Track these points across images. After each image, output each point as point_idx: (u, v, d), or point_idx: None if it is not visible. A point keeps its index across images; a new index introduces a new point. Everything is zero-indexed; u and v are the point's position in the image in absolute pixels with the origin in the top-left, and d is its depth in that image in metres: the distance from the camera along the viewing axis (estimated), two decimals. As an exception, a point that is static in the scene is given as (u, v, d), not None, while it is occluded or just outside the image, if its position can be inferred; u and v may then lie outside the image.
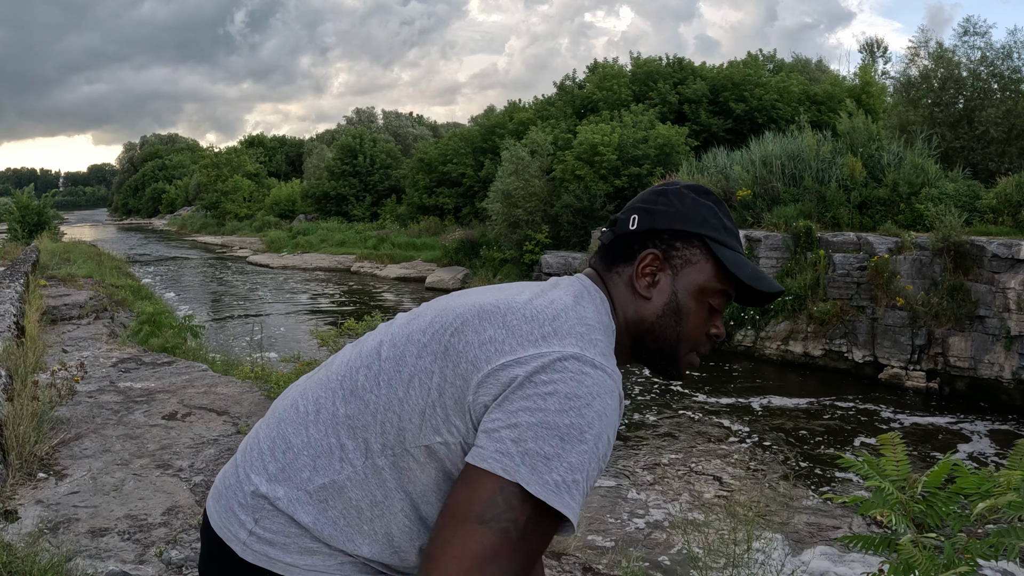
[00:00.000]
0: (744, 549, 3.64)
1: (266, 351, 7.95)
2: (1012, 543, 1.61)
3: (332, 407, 1.08)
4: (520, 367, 0.97)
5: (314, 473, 1.04)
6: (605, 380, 0.98)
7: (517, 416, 0.94)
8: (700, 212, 1.15)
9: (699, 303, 1.15)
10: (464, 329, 1.04)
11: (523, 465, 0.91)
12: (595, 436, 0.94)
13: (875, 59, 31.35)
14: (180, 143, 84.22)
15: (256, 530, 1.05)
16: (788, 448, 8.72)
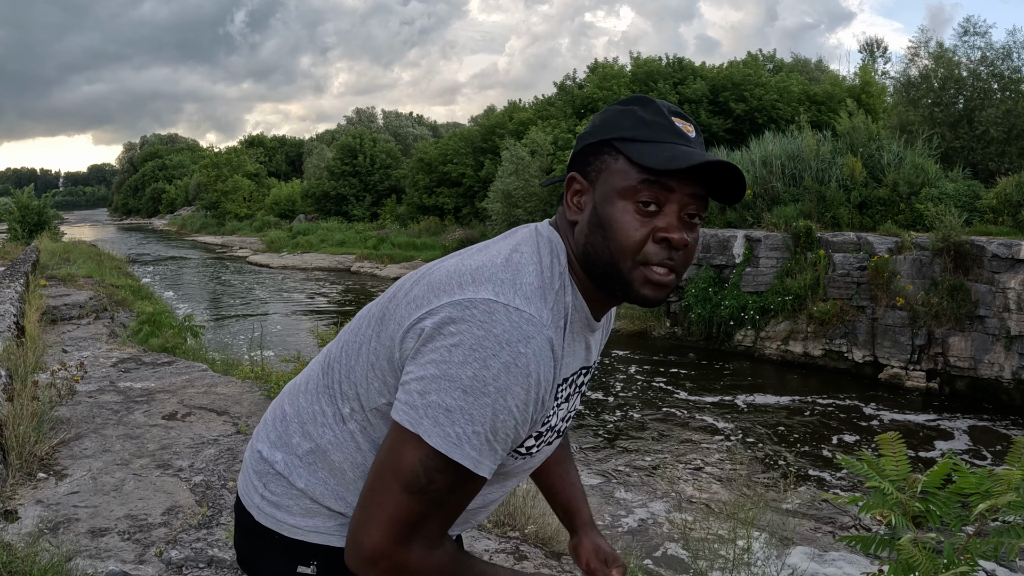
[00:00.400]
0: (744, 549, 3.64)
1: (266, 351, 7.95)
2: (1012, 543, 1.61)
3: (317, 377, 1.17)
4: (431, 318, 0.97)
5: (303, 439, 1.13)
6: (521, 326, 0.94)
7: (425, 368, 0.95)
8: (613, 119, 1.06)
9: (623, 208, 1.02)
10: (398, 293, 1.09)
11: (426, 417, 0.94)
12: (500, 389, 0.93)
13: (875, 59, 31.36)
14: (180, 143, 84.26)
15: (265, 494, 1.14)
16: (788, 448, 8.72)
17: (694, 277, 14.35)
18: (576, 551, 1.48)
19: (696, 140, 1.05)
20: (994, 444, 8.98)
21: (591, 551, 1.45)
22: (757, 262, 13.56)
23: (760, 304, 13.17)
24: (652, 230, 1.01)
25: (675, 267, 1.03)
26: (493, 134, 24.17)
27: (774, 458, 8.40)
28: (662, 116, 1.04)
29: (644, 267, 1.02)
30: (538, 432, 1.08)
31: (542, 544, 3.49)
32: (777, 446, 8.84)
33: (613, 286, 1.05)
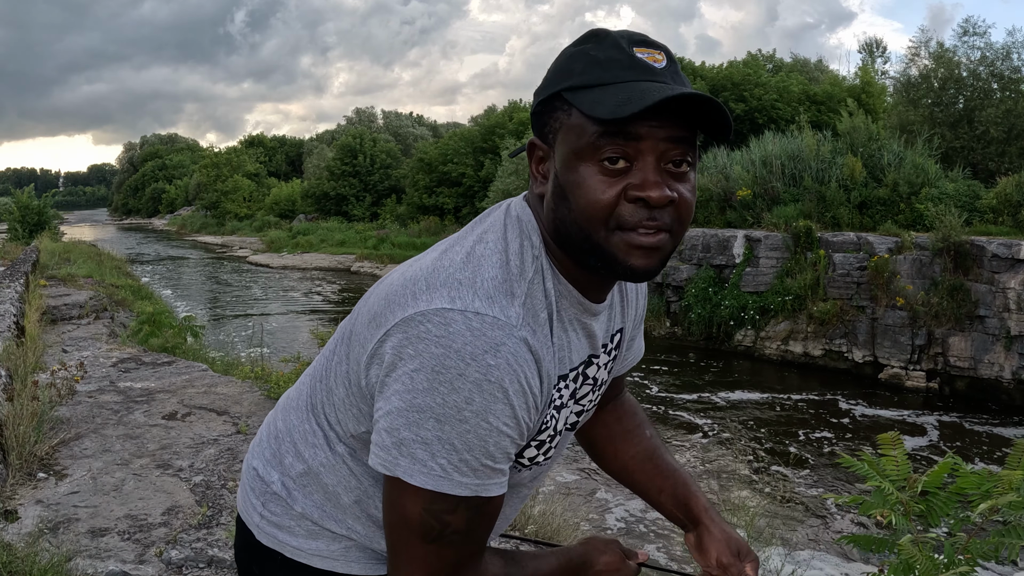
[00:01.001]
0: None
1: (266, 351, 7.95)
2: (1012, 543, 1.61)
3: (307, 393, 1.09)
4: (388, 341, 0.85)
5: (296, 459, 1.06)
6: (484, 333, 0.82)
7: (390, 402, 0.84)
8: (563, 65, 0.89)
9: (586, 171, 0.85)
10: (362, 307, 0.98)
11: (401, 457, 0.84)
12: (478, 412, 0.81)
13: (874, 59, 31.37)
14: (180, 143, 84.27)
15: (265, 513, 1.07)
16: (787, 448, 8.72)
17: (694, 277, 14.36)
18: (700, 546, 1.24)
19: (667, 71, 0.86)
20: (994, 444, 8.98)
21: (721, 543, 1.23)
22: (757, 262, 13.56)
23: (760, 304, 13.17)
24: (623, 189, 0.85)
25: (664, 226, 0.87)
26: (493, 134, 24.18)
27: (773, 458, 8.41)
28: (618, 50, 0.86)
29: (622, 232, 0.86)
30: (539, 441, 0.96)
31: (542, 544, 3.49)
32: (778, 446, 8.84)
33: (594, 262, 0.89)
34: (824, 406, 10.44)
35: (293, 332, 15.05)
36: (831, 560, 5.83)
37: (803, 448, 8.74)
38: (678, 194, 0.86)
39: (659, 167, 0.85)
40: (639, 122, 0.83)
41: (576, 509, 6.24)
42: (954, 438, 9.16)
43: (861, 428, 9.51)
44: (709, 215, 16.02)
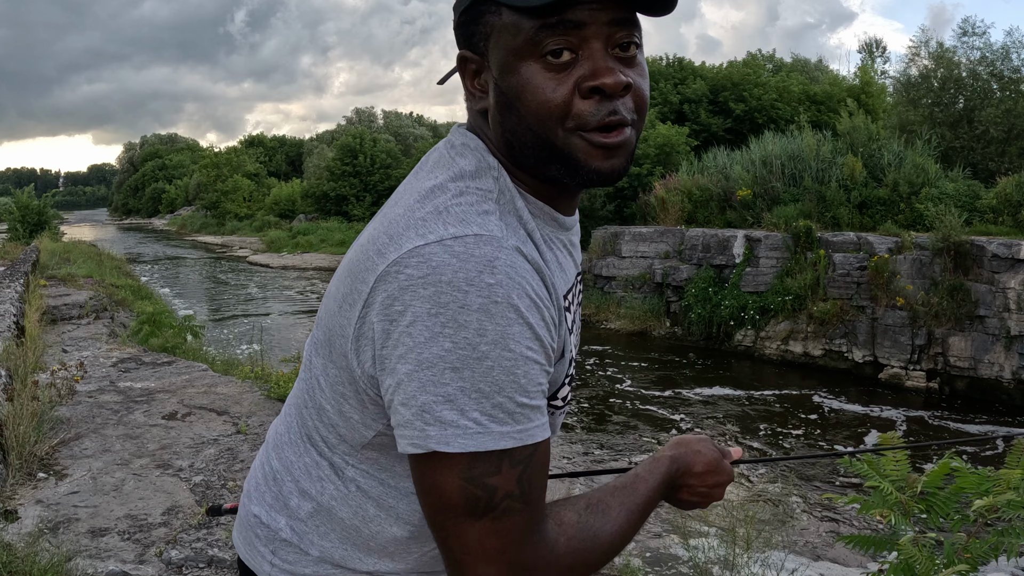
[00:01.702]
0: (743, 549, 3.64)
1: (266, 351, 7.95)
2: (1012, 543, 1.61)
3: (296, 424, 0.97)
4: (371, 310, 0.76)
5: (301, 499, 0.93)
6: (472, 253, 0.73)
7: (396, 371, 0.74)
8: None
9: (529, 70, 0.78)
10: (329, 302, 0.89)
11: (429, 426, 0.72)
12: (494, 341, 0.71)
13: (874, 59, 31.37)
14: (180, 143, 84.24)
15: (276, 562, 0.95)
16: (787, 448, 8.72)
17: (694, 277, 14.36)
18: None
19: None
20: (994, 444, 8.98)
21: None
22: (757, 262, 13.56)
23: (760, 304, 13.17)
24: (575, 83, 0.78)
25: (625, 120, 0.80)
26: (493, 134, 24.24)
27: (773, 457, 8.40)
28: None
29: (584, 133, 0.79)
30: (567, 374, 0.87)
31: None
32: (776, 446, 8.84)
33: (556, 171, 0.82)
34: (824, 406, 10.44)
35: (293, 332, 15.05)
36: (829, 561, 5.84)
37: (802, 448, 8.73)
38: (632, 80, 0.79)
39: (607, 52, 0.78)
40: (578, 7, 0.76)
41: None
42: (954, 438, 9.16)
43: (861, 428, 9.51)
44: (709, 215, 16.02)
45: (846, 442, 8.96)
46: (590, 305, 16.02)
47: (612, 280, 16.05)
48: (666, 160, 18.33)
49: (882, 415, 10.05)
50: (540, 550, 0.76)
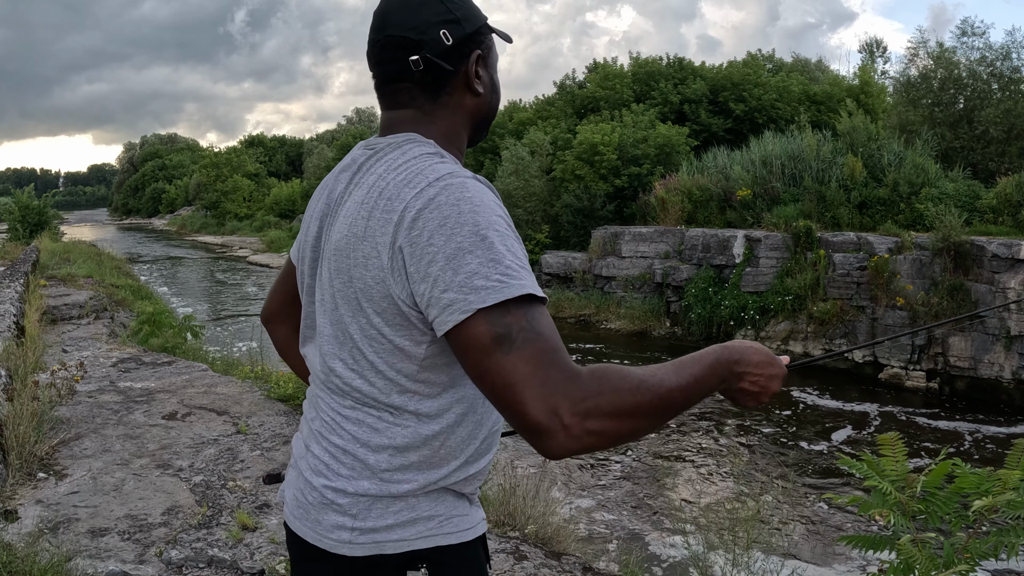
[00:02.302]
0: (743, 548, 3.64)
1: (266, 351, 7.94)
2: (1012, 542, 1.61)
3: (341, 406, 1.16)
4: (396, 245, 1.04)
5: (378, 454, 1.11)
6: (452, 182, 1.04)
7: (430, 275, 1.00)
8: (469, 6, 1.20)
9: (496, 74, 1.26)
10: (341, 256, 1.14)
11: (469, 294, 0.97)
12: (487, 226, 1.01)
13: (874, 59, 31.37)
14: (180, 143, 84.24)
15: (358, 525, 1.11)
16: (787, 448, 8.72)
17: (694, 277, 14.36)
18: None
19: None
20: (994, 444, 8.98)
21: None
22: (757, 262, 13.56)
23: (760, 304, 13.17)
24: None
25: None
26: (493, 134, 24.17)
27: (775, 458, 8.40)
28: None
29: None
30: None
31: (542, 544, 3.49)
32: (776, 446, 8.84)
33: (482, 136, 1.29)
34: (824, 406, 10.44)
35: (293, 332, 15.03)
36: (830, 561, 5.84)
37: (803, 448, 8.73)
38: None
39: None
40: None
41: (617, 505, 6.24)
42: (954, 438, 9.16)
43: (861, 428, 9.51)
44: (709, 215, 16.01)
45: (846, 443, 8.97)
46: (590, 305, 16.01)
47: (612, 280, 16.05)
48: (666, 160, 18.32)
49: (882, 415, 10.05)
50: (565, 375, 0.95)
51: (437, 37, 1.14)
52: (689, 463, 8.30)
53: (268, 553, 3.03)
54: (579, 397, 0.95)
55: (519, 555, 3.27)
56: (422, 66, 1.15)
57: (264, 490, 3.67)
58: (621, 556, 4.67)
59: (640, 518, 6.69)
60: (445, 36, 1.14)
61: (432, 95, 1.18)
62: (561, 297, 16.69)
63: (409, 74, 1.16)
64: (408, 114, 1.18)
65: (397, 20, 1.16)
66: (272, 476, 1.49)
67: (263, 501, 3.54)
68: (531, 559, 3.25)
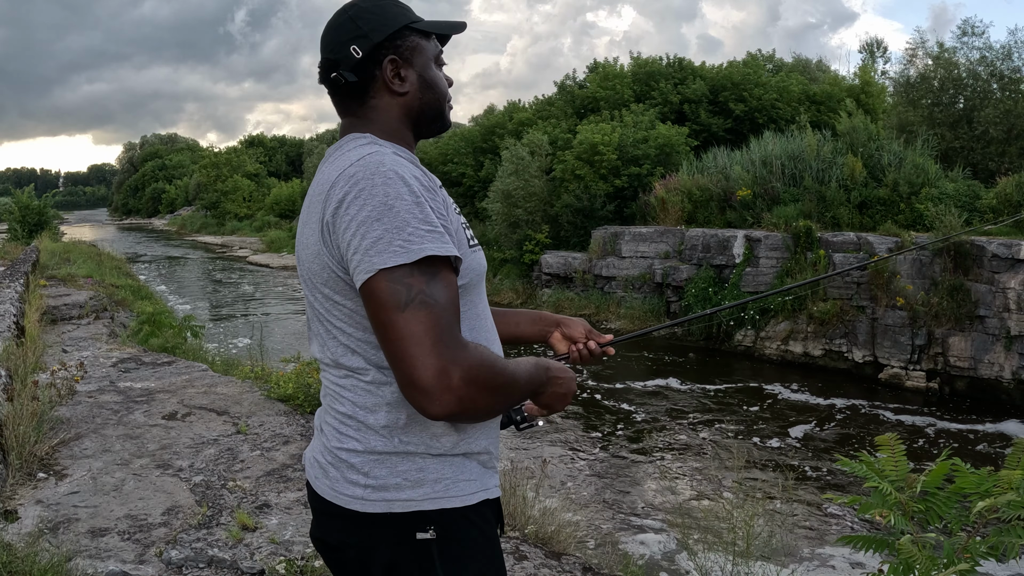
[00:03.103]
0: (743, 549, 3.64)
1: (266, 351, 7.94)
2: (1012, 542, 1.61)
3: (336, 370, 1.29)
4: (324, 219, 1.19)
5: (375, 414, 1.22)
6: (370, 160, 1.17)
7: (349, 241, 1.14)
8: (394, 11, 1.32)
9: (436, 69, 1.35)
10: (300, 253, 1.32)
11: (374, 257, 1.11)
12: (396, 196, 1.13)
13: (874, 59, 31.37)
14: (180, 143, 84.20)
15: (369, 482, 1.21)
16: (787, 448, 8.72)
17: (694, 277, 14.36)
18: (565, 334, 1.63)
19: None
20: (994, 444, 8.98)
21: (579, 325, 1.64)
22: (757, 262, 13.56)
23: (760, 304, 13.17)
24: (446, 79, 1.39)
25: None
26: (493, 134, 24.14)
27: (773, 458, 8.40)
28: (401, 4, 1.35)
29: (448, 103, 1.39)
30: (469, 233, 1.34)
31: (542, 544, 3.49)
32: (776, 446, 8.84)
33: (438, 127, 1.38)
34: (824, 406, 10.44)
35: (293, 332, 15.05)
36: (830, 561, 5.84)
37: (802, 448, 8.73)
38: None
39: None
40: (448, 36, 1.39)
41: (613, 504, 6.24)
42: (954, 438, 9.16)
43: (860, 428, 9.51)
44: (709, 215, 16.01)
45: (846, 443, 8.96)
46: (590, 305, 16.01)
47: (612, 280, 16.04)
48: (666, 160, 18.31)
49: (882, 415, 10.05)
50: (456, 343, 1.10)
51: (348, 54, 1.29)
52: (686, 463, 8.30)
53: (268, 553, 3.03)
54: (468, 365, 1.08)
55: (519, 555, 3.27)
56: (343, 80, 1.30)
57: (264, 490, 3.67)
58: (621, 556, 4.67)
59: (639, 518, 6.69)
60: (355, 51, 1.29)
61: (360, 101, 1.32)
62: (561, 297, 16.68)
63: (338, 88, 1.33)
64: (349, 121, 1.34)
65: (323, 45, 1.33)
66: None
67: (263, 501, 3.54)
68: (531, 559, 3.25)
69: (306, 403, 5.06)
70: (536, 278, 18.20)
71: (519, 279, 18.63)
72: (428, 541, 1.18)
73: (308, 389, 5.11)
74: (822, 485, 7.56)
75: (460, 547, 1.20)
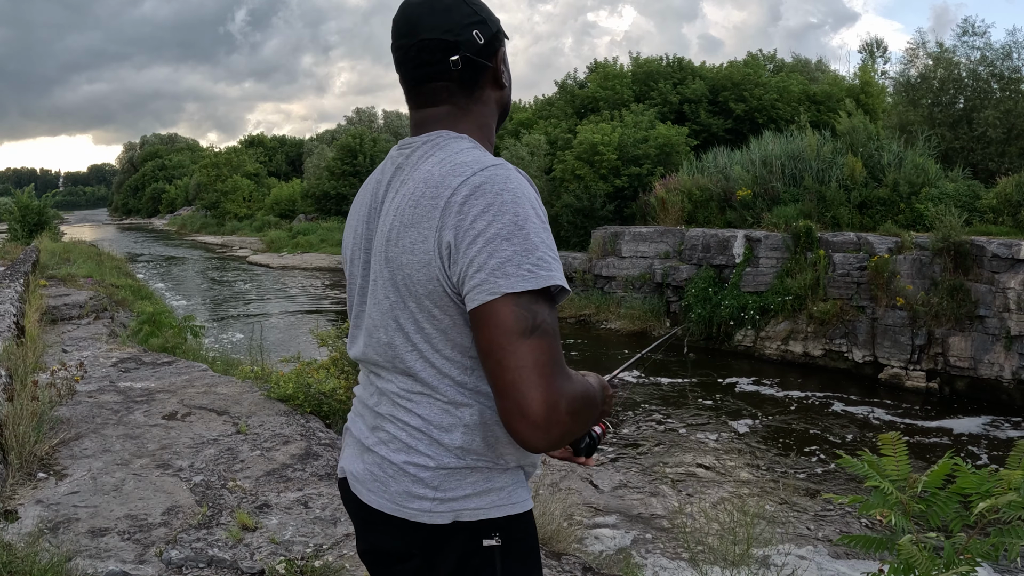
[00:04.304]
0: (743, 549, 3.64)
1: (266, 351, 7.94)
2: (1012, 543, 1.61)
3: (411, 389, 1.25)
4: (444, 230, 1.13)
5: (451, 434, 1.20)
6: (498, 172, 1.13)
7: (468, 254, 1.09)
8: (487, 10, 1.29)
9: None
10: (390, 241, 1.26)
11: (500, 278, 1.07)
12: (525, 218, 1.10)
13: (874, 59, 31.37)
14: (180, 143, 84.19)
15: (439, 495, 1.20)
16: (787, 448, 8.72)
17: (694, 277, 14.36)
18: None
19: None
20: (994, 444, 8.98)
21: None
22: (757, 262, 13.56)
23: (760, 304, 13.17)
24: None
25: None
26: (493, 134, 24.15)
27: (773, 458, 8.40)
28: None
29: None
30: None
31: (542, 544, 3.49)
32: (776, 446, 8.84)
33: (501, 126, 1.39)
34: (824, 406, 10.44)
35: (293, 332, 15.05)
36: (830, 561, 5.83)
37: (803, 448, 8.73)
38: None
39: None
40: None
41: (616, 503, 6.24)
42: (954, 438, 9.16)
43: (860, 428, 9.51)
44: (709, 215, 16.01)
45: (846, 442, 8.96)
46: (590, 305, 16.01)
47: (612, 280, 16.04)
48: (666, 160, 18.31)
49: (882, 415, 10.05)
50: (566, 374, 1.09)
51: (471, 37, 1.24)
52: (687, 463, 8.30)
53: (268, 553, 3.02)
54: (572, 397, 1.08)
55: (519, 555, 3.26)
56: (460, 65, 1.23)
57: (264, 490, 3.67)
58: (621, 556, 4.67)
59: (638, 517, 6.68)
60: (477, 36, 1.24)
61: (468, 91, 1.27)
62: (561, 297, 16.67)
63: (447, 73, 1.24)
64: (443, 111, 1.26)
65: (430, 24, 1.22)
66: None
67: (263, 501, 3.54)
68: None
69: (306, 403, 5.05)
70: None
71: (519, 279, 18.61)
72: (493, 548, 1.20)
73: (308, 389, 5.10)
74: (822, 485, 7.56)
75: (519, 552, 1.23)
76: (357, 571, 2.92)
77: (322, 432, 4.58)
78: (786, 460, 8.28)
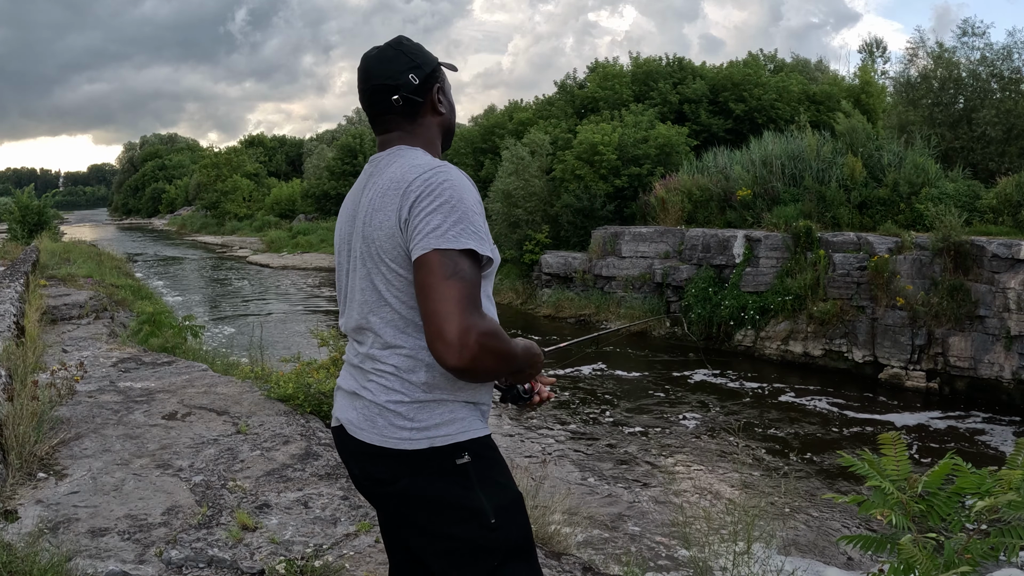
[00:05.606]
0: (743, 549, 3.64)
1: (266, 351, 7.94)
2: (1012, 543, 1.61)
3: (383, 333, 1.60)
4: (403, 210, 1.52)
5: (416, 373, 1.55)
6: (442, 169, 1.52)
7: (417, 227, 1.48)
8: (423, 53, 1.67)
9: (451, 95, 1.75)
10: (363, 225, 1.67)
11: (434, 239, 1.44)
12: (460, 200, 1.48)
13: (874, 59, 31.37)
14: (180, 143, 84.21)
15: (415, 425, 1.53)
16: (787, 448, 8.71)
17: (694, 277, 14.36)
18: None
19: None
20: (994, 444, 8.98)
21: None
22: (757, 262, 13.56)
23: (760, 304, 13.17)
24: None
25: None
26: (493, 134, 24.12)
27: (775, 458, 8.40)
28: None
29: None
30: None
31: (541, 544, 3.49)
32: (777, 446, 8.84)
33: (450, 141, 1.77)
34: (824, 406, 10.44)
35: (293, 331, 15.04)
36: (829, 562, 5.84)
37: (803, 448, 8.73)
38: None
39: None
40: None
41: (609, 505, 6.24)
42: (954, 438, 9.16)
43: (861, 428, 9.51)
44: (709, 215, 16.01)
45: (846, 442, 8.96)
46: (590, 305, 16.01)
47: (612, 280, 16.04)
48: (666, 160, 18.31)
49: (882, 415, 10.05)
50: (480, 313, 1.42)
51: (407, 81, 1.62)
52: (685, 463, 8.30)
53: (268, 553, 3.02)
54: (484, 331, 1.40)
55: (519, 555, 3.26)
56: (401, 102, 1.62)
57: (264, 490, 3.67)
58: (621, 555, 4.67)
59: (638, 518, 6.69)
60: (412, 78, 1.63)
61: (411, 119, 1.66)
62: (561, 297, 16.68)
63: (393, 108, 1.63)
64: (395, 135, 1.66)
65: (377, 72, 1.63)
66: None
67: (263, 501, 3.54)
68: (531, 559, 3.24)
69: (306, 403, 5.05)
70: (536, 278, 18.19)
71: (519, 279, 18.64)
72: (466, 464, 1.52)
73: (308, 389, 5.10)
74: (822, 485, 7.56)
75: (486, 465, 1.56)
76: (357, 571, 2.92)
77: (322, 432, 4.58)
78: (785, 459, 8.27)
